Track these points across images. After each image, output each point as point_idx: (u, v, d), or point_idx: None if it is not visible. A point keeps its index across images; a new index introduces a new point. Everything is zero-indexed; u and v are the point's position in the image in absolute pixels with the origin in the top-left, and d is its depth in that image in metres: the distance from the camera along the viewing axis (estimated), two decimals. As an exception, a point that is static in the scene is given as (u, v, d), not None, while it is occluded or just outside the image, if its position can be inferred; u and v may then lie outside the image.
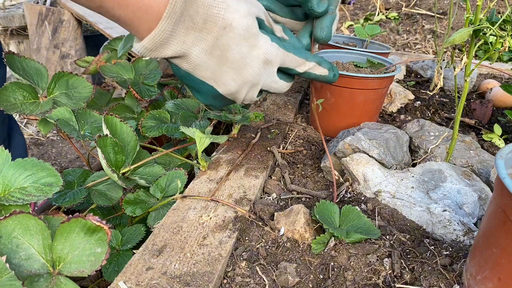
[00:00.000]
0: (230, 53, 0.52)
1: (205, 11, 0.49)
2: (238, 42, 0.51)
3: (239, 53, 0.52)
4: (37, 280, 0.44)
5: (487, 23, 0.64)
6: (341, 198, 0.73)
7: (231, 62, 0.53)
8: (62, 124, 0.77)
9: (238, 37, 0.51)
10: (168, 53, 0.50)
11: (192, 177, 0.77)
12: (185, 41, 0.50)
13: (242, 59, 0.53)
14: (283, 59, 0.57)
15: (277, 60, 0.56)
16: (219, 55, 0.52)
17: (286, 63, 0.58)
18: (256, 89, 0.59)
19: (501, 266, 0.44)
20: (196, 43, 0.50)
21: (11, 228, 0.46)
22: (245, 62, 0.54)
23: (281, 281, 0.54)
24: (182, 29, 0.49)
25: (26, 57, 0.80)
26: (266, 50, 0.54)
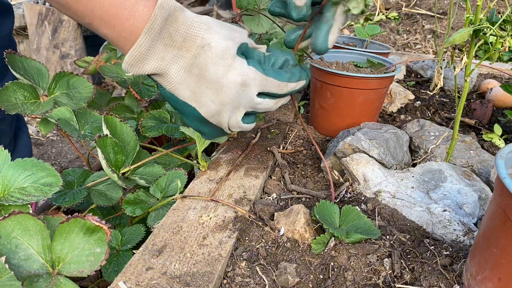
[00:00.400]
0: (208, 72, 0.52)
1: (186, 29, 0.50)
2: (215, 62, 0.52)
3: (216, 73, 0.52)
4: (37, 281, 0.44)
5: (487, 23, 0.64)
6: (341, 198, 0.73)
7: (209, 82, 0.53)
8: (63, 123, 0.77)
9: (216, 57, 0.52)
10: (148, 68, 0.51)
11: (192, 177, 0.77)
12: (164, 57, 0.51)
13: (219, 80, 0.53)
14: (262, 83, 0.56)
15: (255, 83, 0.55)
16: (198, 74, 0.52)
17: (266, 87, 0.57)
18: (238, 112, 0.57)
19: (501, 266, 0.44)
20: (175, 60, 0.51)
21: (10, 228, 0.46)
22: (221, 83, 0.53)
23: (281, 281, 0.54)
24: (160, 45, 0.50)
25: (27, 57, 0.80)
26: (242, 72, 0.53)
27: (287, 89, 0.59)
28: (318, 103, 0.97)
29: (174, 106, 0.57)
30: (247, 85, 0.54)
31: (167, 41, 0.50)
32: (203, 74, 0.52)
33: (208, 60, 0.52)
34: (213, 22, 0.53)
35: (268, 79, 0.56)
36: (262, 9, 0.99)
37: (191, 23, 0.50)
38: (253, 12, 0.98)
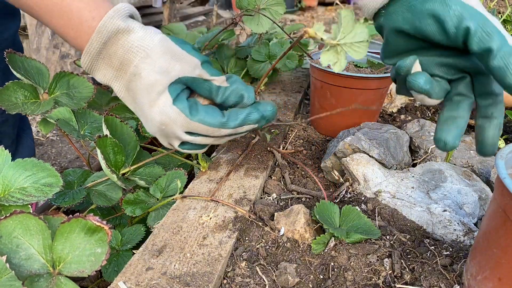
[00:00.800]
0: (137, 100, 0.53)
1: (123, 54, 0.50)
2: (142, 94, 0.52)
3: (143, 104, 0.53)
4: (37, 280, 0.44)
5: (488, 23, 0.64)
6: (341, 198, 0.73)
7: (139, 109, 0.54)
8: (62, 124, 0.77)
9: (143, 89, 0.51)
10: (98, 79, 0.53)
11: (192, 177, 0.77)
12: (105, 74, 0.52)
13: (144, 112, 0.53)
14: (187, 125, 0.53)
15: (176, 124, 0.52)
16: (133, 96, 0.53)
17: (193, 129, 0.54)
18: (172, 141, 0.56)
19: (502, 267, 0.44)
20: (115, 79, 0.53)
21: (11, 228, 0.46)
22: (146, 116, 0.53)
23: (281, 281, 0.54)
24: (102, 64, 0.51)
25: (27, 56, 0.80)
26: (162, 111, 0.52)
27: (220, 134, 0.55)
28: (318, 103, 0.97)
29: None
30: (167, 125, 0.52)
31: (107, 61, 0.51)
32: (135, 100, 0.53)
33: (137, 89, 0.52)
34: (156, 49, 0.50)
35: (192, 123, 0.53)
36: (262, 9, 0.99)
37: (129, 48, 0.50)
38: (253, 12, 0.98)
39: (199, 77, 0.53)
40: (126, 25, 0.49)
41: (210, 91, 0.54)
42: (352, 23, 0.47)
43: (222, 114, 0.55)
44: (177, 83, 0.52)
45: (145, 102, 0.52)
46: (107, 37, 0.49)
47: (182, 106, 0.52)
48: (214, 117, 0.53)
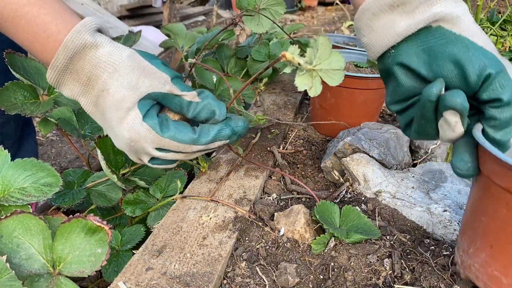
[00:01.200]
0: (106, 116, 0.52)
1: (90, 69, 0.49)
2: (111, 110, 0.51)
3: (111, 121, 0.51)
4: (37, 280, 0.44)
5: (488, 23, 0.64)
6: (341, 198, 0.73)
7: (108, 125, 0.53)
8: (63, 123, 0.77)
9: (111, 105, 0.50)
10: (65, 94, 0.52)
11: (192, 177, 0.77)
12: (72, 90, 0.51)
13: (113, 129, 0.52)
14: (157, 142, 0.52)
15: (146, 140, 0.51)
16: (101, 112, 0.52)
17: (163, 146, 0.53)
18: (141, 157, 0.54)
19: (492, 233, 0.44)
20: (82, 94, 0.51)
21: (12, 227, 0.46)
22: (115, 133, 0.52)
23: (281, 281, 0.54)
24: (69, 79, 0.50)
25: (26, 56, 0.80)
26: (131, 128, 0.50)
27: (191, 150, 0.54)
28: (318, 103, 0.97)
29: None
30: (137, 141, 0.51)
31: (75, 76, 0.50)
32: (104, 116, 0.52)
33: (105, 105, 0.51)
34: (124, 64, 0.50)
35: (163, 140, 0.52)
36: (262, 9, 0.99)
37: (97, 63, 0.49)
38: (253, 12, 0.98)
39: (169, 92, 0.52)
40: (93, 39, 0.48)
41: (181, 106, 0.53)
42: (328, 51, 0.47)
43: (193, 130, 0.54)
44: (147, 98, 0.51)
45: (114, 118, 0.51)
46: (74, 51, 0.48)
47: (152, 123, 0.51)
48: (185, 133, 0.53)
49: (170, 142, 0.52)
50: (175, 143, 0.52)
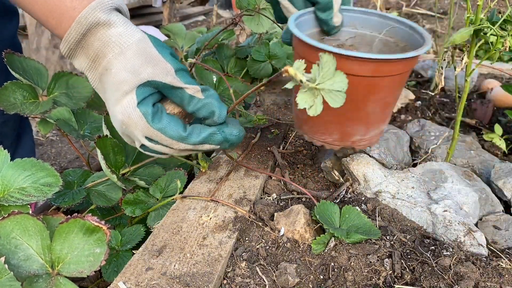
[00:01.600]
0: (106, 94, 0.53)
1: (99, 47, 0.50)
2: (110, 89, 0.52)
3: (109, 100, 0.53)
4: (36, 281, 0.44)
5: (488, 23, 0.64)
6: (341, 198, 0.72)
7: (107, 104, 0.54)
8: (62, 124, 0.76)
9: (111, 85, 0.51)
10: (76, 66, 0.54)
11: (192, 177, 0.77)
12: (82, 63, 0.53)
13: (110, 108, 0.53)
14: (147, 132, 0.52)
15: (137, 128, 0.51)
16: (104, 89, 0.53)
17: (152, 137, 0.52)
18: (132, 141, 0.55)
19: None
20: (89, 69, 0.53)
21: (9, 228, 0.45)
22: (111, 112, 0.53)
23: (281, 281, 0.54)
24: (81, 53, 0.52)
25: (26, 56, 0.80)
26: (125, 112, 0.51)
27: (179, 147, 0.54)
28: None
29: None
30: (128, 126, 0.52)
31: (85, 51, 0.52)
32: (105, 94, 0.54)
33: (107, 84, 0.52)
34: (131, 48, 0.50)
35: (152, 130, 0.51)
36: (262, 9, 0.98)
37: (106, 42, 0.50)
38: (253, 12, 0.98)
39: (170, 83, 0.52)
40: (107, 18, 0.49)
41: (182, 99, 0.53)
42: (333, 70, 0.47)
43: (185, 128, 0.53)
44: (147, 86, 0.51)
45: (112, 98, 0.52)
46: (87, 28, 0.49)
47: (145, 111, 0.51)
48: (175, 129, 0.52)
49: (159, 134, 0.52)
50: (163, 136, 0.52)
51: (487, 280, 0.53)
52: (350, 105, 0.51)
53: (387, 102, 0.62)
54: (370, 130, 0.65)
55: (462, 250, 0.59)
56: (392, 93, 0.62)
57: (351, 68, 0.53)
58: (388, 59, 0.55)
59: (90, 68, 0.53)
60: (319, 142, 0.66)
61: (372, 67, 0.55)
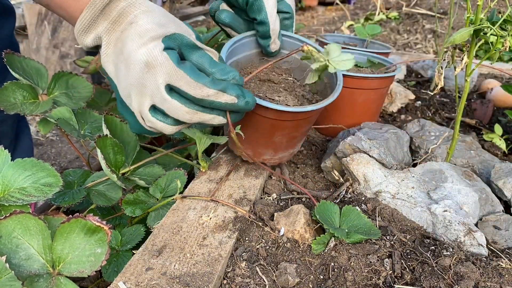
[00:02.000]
0: (125, 48, 0.53)
1: (125, 6, 0.53)
2: (133, 38, 0.52)
3: (130, 48, 0.52)
4: (37, 280, 0.44)
5: (488, 23, 0.64)
6: (341, 198, 0.72)
7: (124, 57, 0.53)
8: (63, 123, 0.76)
9: (135, 34, 0.52)
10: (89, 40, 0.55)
11: (192, 177, 0.77)
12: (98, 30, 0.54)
13: (130, 55, 0.52)
14: (171, 73, 0.51)
15: (161, 69, 0.51)
16: (120, 48, 0.53)
17: (175, 81, 0.52)
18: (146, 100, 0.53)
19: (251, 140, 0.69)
20: (107, 32, 0.54)
21: (11, 228, 0.46)
22: (130, 60, 0.52)
23: (281, 281, 0.54)
24: (101, 19, 0.53)
25: (26, 56, 0.80)
26: (150, 53, 0.51)
27: (202, 94, 0.53)
28: (318, 103, 0.97)
29: (112, 87, 0.59)
30: (152, 67, 0.51)
31: (106, 16, 0.53)
32: (122, 49, 0.53)
33: (129, 35, 0.52)
34: (158, 9, 0.54)
35: (179, 71, 0.51)
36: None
37: (133, 3, 0.53)
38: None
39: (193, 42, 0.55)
40: None
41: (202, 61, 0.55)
42: (339, 51, 0.60)
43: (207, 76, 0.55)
44: (171, 39, 0.53)
45: (134, 45, 0.51)
46: None
47: (171, 55, 0.52)
48: (199, 73, 0.53)
49: (184, 76, 0.52)
50: (188, 78, 0.52)
51: (487, 280, 0.53)
52: (259, 134, 0.65)
53: (293, 135, 0.72)
54: (278, 153, 0.76)
55: (462, 250, 0.59)
56: (297, 130, 0.72)
57: (260, 111, 0.64)
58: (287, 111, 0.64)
59: (108, 31, 0.53)
60: (237, 153, 0.77)
61: (276, 113, 0.65)
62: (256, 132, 0.68)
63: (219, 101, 0.54)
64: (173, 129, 0.56)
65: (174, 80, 0.52)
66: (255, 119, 0.66)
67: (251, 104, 0.57)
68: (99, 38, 0.54)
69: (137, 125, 0.60)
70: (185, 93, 0.53)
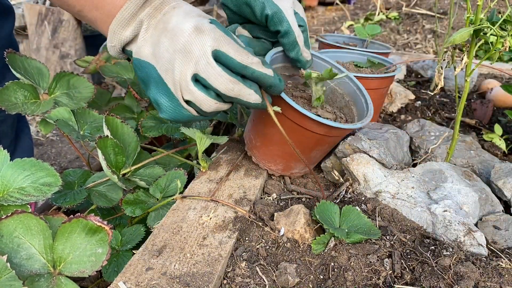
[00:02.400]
0: (169, 24, 0.55)
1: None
2: (178, 14, 0.55)
3: (176, 22, 0.55)
4: (38, 280, 0.44)
5: (488, 23, 0.64)
6: (341, 198, 0.73)
7: (168, 32, 0.55)
8: (62, 124, 0.76)
9: (181, 12, 0.56)
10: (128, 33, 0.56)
11: (192, 177, 0.77)
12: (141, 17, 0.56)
13: (176, 27, 0.54)
14: (220, 39, 0.54)
15: (210, 34, 0.53)
16: (161, 27, 0.56)
17: (223, 45, 0.54)
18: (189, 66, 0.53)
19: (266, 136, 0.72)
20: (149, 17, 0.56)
21: (12, 227, 0.46)
22: (177, 29, 0.54)
23: (281, 281, 0.54)
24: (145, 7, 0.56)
25: (27, 56, 0.80)
26: (197, 23, 0.54)
27: (247, 61, 0.55)
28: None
29: (139, 75, 0.59)
30: (201, 32, 0.53)
31: (149, 3, 0.56)
32: (166, 27, 0.55)
33: (174, 14, 0.55)
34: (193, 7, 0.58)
35: (226, 37, 0.54)
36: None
37: None
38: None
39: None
40: None
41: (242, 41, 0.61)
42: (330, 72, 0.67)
43: None
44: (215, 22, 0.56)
45: (181, 19, 0.54)
46: None
47: (218, 25, 0.55)
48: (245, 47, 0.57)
49: (231, 43, 0.54)
50: (235, 45, 0.54)
51: (487, 280, 0.53)
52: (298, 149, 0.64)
53: (325, 151, 0.75)
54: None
55: (462, 250, 0.59)
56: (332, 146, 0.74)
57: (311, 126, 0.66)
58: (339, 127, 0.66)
59: (150, 16, 0.56)
60: (264, 167, 0.77)
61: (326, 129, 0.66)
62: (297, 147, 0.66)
63: (260, 71, 0.57)
64: (212, 103, 0.56)
65: (222, 45, 0.54)
66: (301, 133, 0.67)
67: (283, 84, 0.61)
68: (140, 23, 0.56)
69: (171, 107, 0.58)
70: (231, 60, 0.54)
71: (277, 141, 0.71)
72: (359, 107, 0.76)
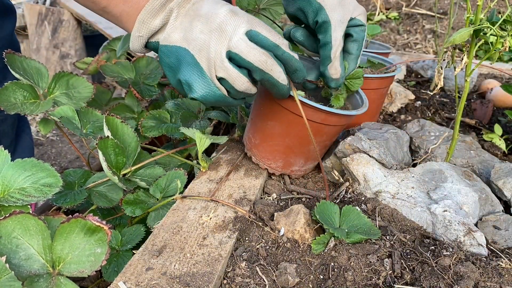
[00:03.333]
0: (202, 10, 0.57)
1: None
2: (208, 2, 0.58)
3: (208, 8, 0.57)
4: (37, 280, 0.44)
5: (488, 23, 0.64)
6: (341, 198, 0.72)
7: (201, 16, 0.57)
8: (65, 122, 0.77)
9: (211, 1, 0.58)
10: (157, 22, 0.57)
11: (192, 177, 0.77)
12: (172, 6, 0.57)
13: (210, 11, 0.57)
14: (253, 21, 0.57)
15: (244, 16, 0.56)
16: (192, 14, 0.57)
17: (256, 26, 0.56)
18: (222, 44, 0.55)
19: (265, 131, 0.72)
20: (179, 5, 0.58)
21: (11, 228, 0.46)
22: (211, 13, 0.57)
23: (281, 281, 0.54)
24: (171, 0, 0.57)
25: (26, 56, 0.80)
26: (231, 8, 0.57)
27: (278, 41, 0.57)
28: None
29: (166, 61, 0.59)
30: (235, 14, 0.56)
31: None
32: (198, 13, 0.57)
33: (204, 3, 0.58)
34: None
35: (259, 21, 0.57)
36: (262, 9, 0.99)
37: None
38: (253, 12, 0.98)
39: None
40: None
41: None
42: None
43: None
44: None
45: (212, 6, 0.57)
46: None
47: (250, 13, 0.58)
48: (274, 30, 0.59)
49: (264, 25, 0.57)
50: (267, 26, 0.57)
51: (487, 280, 0.53)
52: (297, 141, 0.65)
53: (325, 144, 0.75)
54: (307, 163, 0.77)
55: (462, 250, 0.59)
56: (330, 139, 0.75)
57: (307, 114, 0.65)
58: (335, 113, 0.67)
59: (180, 5, 0.57)
60: (264, 166, 0.77)
61: (323, 116, 0.66)
62: (295, 138, 0.68)
63: (289, 53, 0.59)
64: (244, 81, 0.57)
65: (255, 25, 0.56)
66: (297, 123, 0.67)
67: (304, 70, 0.62)
68: (169, 12, 0.57)
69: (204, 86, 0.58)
70: (264, 38, 0.56)
71: (277, 133, 0.71)
72: (355, 104, 0.77)
